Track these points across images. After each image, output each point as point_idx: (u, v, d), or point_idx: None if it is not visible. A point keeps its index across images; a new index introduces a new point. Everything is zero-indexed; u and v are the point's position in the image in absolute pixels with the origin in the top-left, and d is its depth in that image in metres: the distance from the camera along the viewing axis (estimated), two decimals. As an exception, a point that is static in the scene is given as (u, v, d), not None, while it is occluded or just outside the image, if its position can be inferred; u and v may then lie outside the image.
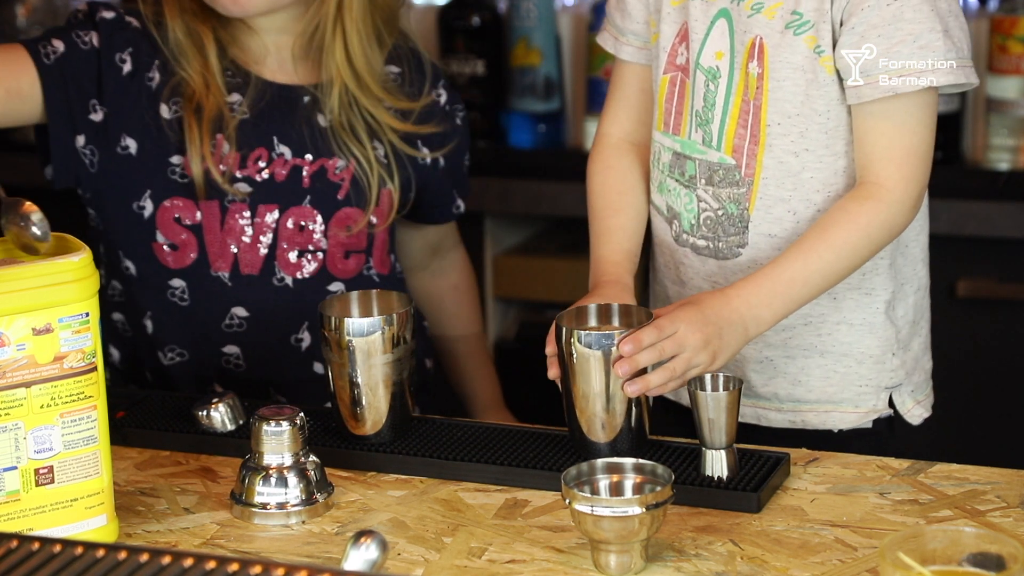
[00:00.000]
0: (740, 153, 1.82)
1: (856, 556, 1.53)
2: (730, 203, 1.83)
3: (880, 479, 1.70)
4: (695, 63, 1.83)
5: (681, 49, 1.85)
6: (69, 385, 1.51)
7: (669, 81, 1.87)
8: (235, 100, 2.01)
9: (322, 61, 2.01)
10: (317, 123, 2.03)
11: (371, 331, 1.76)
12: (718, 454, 1.66)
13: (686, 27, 1.84)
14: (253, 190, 2.00)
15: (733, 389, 1.66)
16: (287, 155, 2.01)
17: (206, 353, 2.03)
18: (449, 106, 2.13)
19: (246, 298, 2.02)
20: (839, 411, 1.89)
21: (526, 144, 3.12)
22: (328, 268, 2.04)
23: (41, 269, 1.49)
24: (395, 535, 1.59)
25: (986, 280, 2.73)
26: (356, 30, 2.00)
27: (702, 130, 1.83)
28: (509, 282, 3.14)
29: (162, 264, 2.01)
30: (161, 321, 2.03)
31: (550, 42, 3.11)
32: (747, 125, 1.81)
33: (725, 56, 1.81)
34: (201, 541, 1.61)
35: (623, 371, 1.66)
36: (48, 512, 1.53)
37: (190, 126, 1.97)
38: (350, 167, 2.02)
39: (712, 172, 1.83)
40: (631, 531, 1.48)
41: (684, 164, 1.85)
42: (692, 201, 1.85)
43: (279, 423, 1.65)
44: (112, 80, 1.99)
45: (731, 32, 1.81)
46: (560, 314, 1.73)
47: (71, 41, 1.98)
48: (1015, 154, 2.85)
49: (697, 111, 1.83)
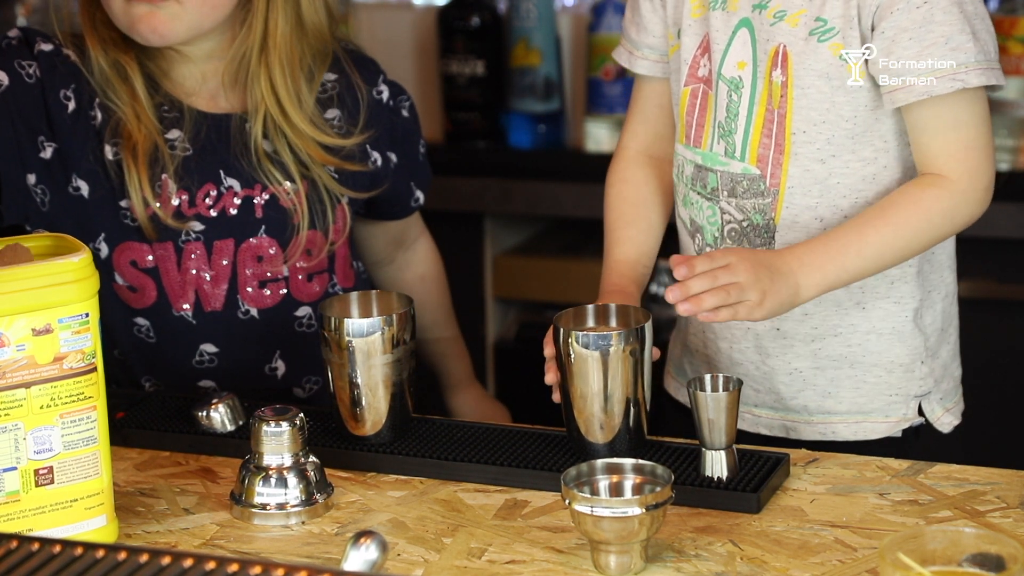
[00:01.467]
0: (765, 163, 1.80)
1: (856, 556, 1.53)
2: (755, 214, 1.81)
3: (880, 479, 1.70)
4: (717, 74, 1.81)
5: (703, 61, 1.84)
6: (69, 385, 1.51)
7: (691, 93, 1.85)
8: (175, 137, 1.96)
9: (247, 87, 1.97)
10: (262, 149, 1.98)
11: (371, 331, 1.76)
12: (718, 455, 1.66)
13: (707, 38, 1.83)
14: (206, 227, 1.97)
15: (733, 390, 1.65)
16: (236, 187, 1.98)
17: (182, 386, 2.01)
18: (393, 101, 2.08)
19: (213, 334, 1.99)
20: (869, 421, 1.87)
21: (526, 144, 3.13)
22: (292, 294, 2.01)
23: (41, 269, 1.49)
24: (395, 535, 1.59)
25: (986, 280, 2.73)
26: (280, 62, 1.95)
27: (724, 141, 1.82)
28: (509, 282, 3.14)
29: (125, 303, 1.98)
30: (132, 356, 2.01)
31: (550, 42, 3.11)
32: (771, 135, 1.79)
33: (748, 66, 1.80)
34: (201, 542, 1.61)
35: (674, 295, 1.65)
36: (48, 513, 1.53)
37: (129, 169, 1.92)
38: (302, 188, 1.98)
39: (735, 183, 1.82)
40: (631, 531, 1.48)
41: (706, 176, 1.84)
42: (715, 214, 1.84)
43: (279, 424, 1.65)
44: (59, 117, 1.94)
45: (753, 41, 1.79)
46: (558, 315, 1.73)
47: (15, 72, 1.92)
48: (1015, 154, 2.85)
49: (720, 122, 1.82)
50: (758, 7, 1.79)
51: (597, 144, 3.06)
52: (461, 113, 3.16)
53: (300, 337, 2.02)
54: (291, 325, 2.01)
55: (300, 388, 2.06)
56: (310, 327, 2.02)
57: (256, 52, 1.95)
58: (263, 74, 1.95)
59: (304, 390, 2.06)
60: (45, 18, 3.23)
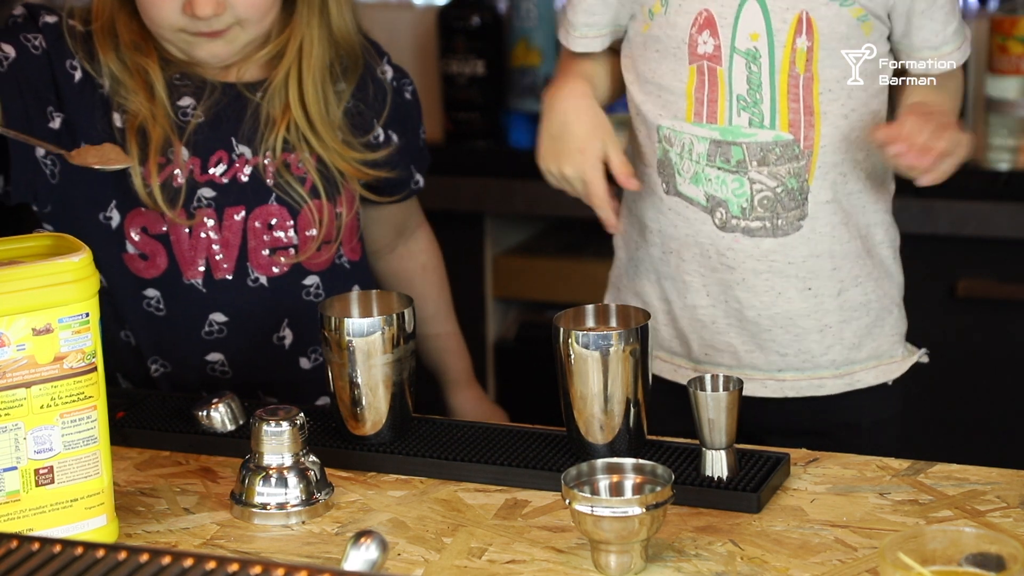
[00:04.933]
0: (797, 127, 1.87)
1: (856, 556, 1.53)
2: (790, 178, 1.88)
3: (880, 479, 1.70)
4: (731, 48, 1.86)
5: (704, 37, 1.87)
6: (69, 385, 1.51)
7: (697, 71, 1.88)
8: (187, 104, 1.97)
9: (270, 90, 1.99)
10: (271, 119, 2.00)
11: (371, 331, 1.76)
12: (718, 454, 1.66)
13: (707, 15, 1.87)
14: (217, 194, 1.98)
15: (733, 389, 1.66)
16: (247, 155, 1.99)
17: (190, 364, 2.02)
18: (396, 82, 2.11)
19: (223, 303, 2.00)
20: (884, 364, 1.99)
21: (526, 144, 3.12)
22: (301, 263, 2.03)
23: (41, 269, 1.49)
24: (395, 535, 1.59)
25: (986, 280, 2.74)
26: (311, 71, 1.98)
27: (747, 112, 1.87)
28: (509, 282, 3.14)
29: (134, 274, 1.99)
30: (141, 333, 2.01)
31: (550, 42, 3.11)
32: (799, 99, 1.86)
33: (762, 36, 1.85)
34: (201, 541, 1.61)
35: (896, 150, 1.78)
36: (48, 512, 1.53)
37: (130, 146, 1.93)
38: (312, 158, 2.01)
39: (766, 152, 1.87)
40: (631, 531, 1.48)
41: (728, 150, 1.87)
42: (743, 185, 1.88)
43: (279, 423, 1.65)
44: (66, 87, 1.94)
45: (765, 11, 1.85)
46: (558, 315, 1.73)
47: (21, 45, 1.92)
48: (1015, 154, 2.85)
49: (740, 95, 1.87)
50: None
51: (597, 144, 3.06)
52: (461, 113, 3.16)
53: (308, 306, 2.03)
54: (299, 294, 2.02)
55: (306, 358, 2.06)
56: (317, 296, 2.04)
57: (289, 62, 1.98)
58: (294, 84, 1.98)
59: (310, 360, 2.07)
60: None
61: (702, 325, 1.97)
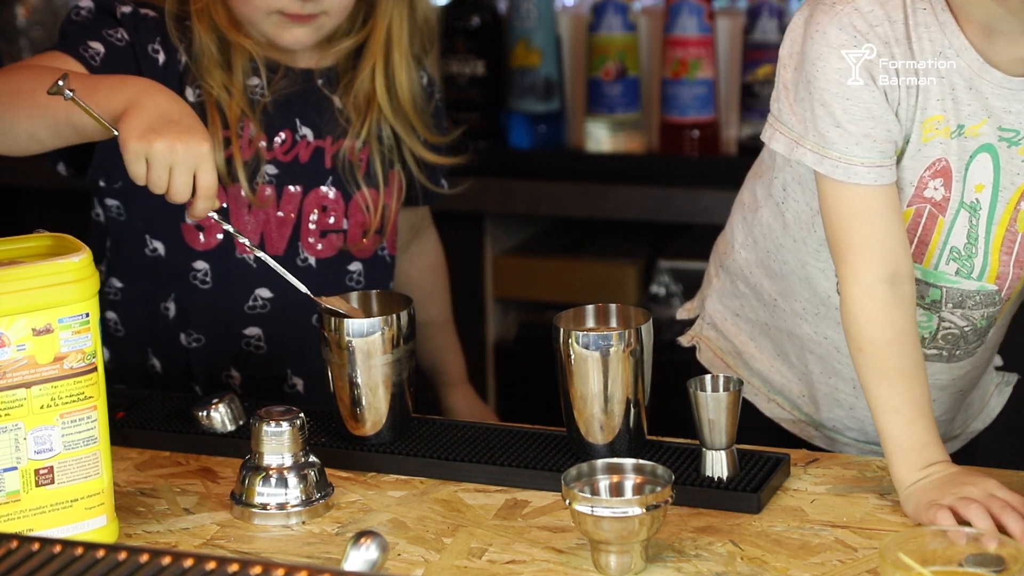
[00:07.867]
0: (1004, 279, 1.80)
1: (856, 557, 1.53)
2: (982, 320, 1.82)
3: (880, 479, 1.70)
4: (959, 203, 1.76)
5: (935, 184, 1.77)
6: (69, 385, 1.51)
7: (915, 212, 1.78)
8: (255, 83, 2.02)
9: (353, 81, 2.04)
10: (334, 104, 2.04)
11: (371, 331, 1.76)
12: (718, 455, 1.66)
13: (942, 164, 1.75)
14: (278, 172, 2.02)
15: (733, 389, 1.66)
16: (309, 136, 2.03)
17: (226, 337, 2.04)
18: (430, 88, 2.15)
19: (270, 279, 2.02)
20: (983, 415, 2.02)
21: (526, 144, 3.12)
22: (349, 248, 2.06)
23: (41, 269, 1.49)
24: (395, 535, 1.59)
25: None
26: (403, 63, 2.04)
27: (958, 263, 1.79)
28: (509, 282, 3.14)
29: (189, 246, 2.02)
30: (183, 304, 2.04)
31: (550, 42, 3.11)
32: (1012, 252, 1.78)
33: (986, 188, 1.76)
34: (201, 541, 1.61)
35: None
36: (48, 512, 1.53)
37: (212, 120, 1.98)
38: (367, 147, 2.05)
39: (965, 298, 1.81)
40: (631, 531, 1.48)
41: (926, 290, 1.81)
42: (931, 320, 1.82)
43: (279, 423, 1.65)
44: (150, 73, 1.98)
45: (996, 168, 1.75)
46: (558, 315, 1.73)
47: (106, 40, 1.98)
48: (1015, 155, 2.84)
49: (955, 247, 1.78)
50: (1006, 141, 1.74)
51: (597, 144, 3.06)
52: (461, 113, 3.16)
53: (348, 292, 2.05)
54: (342, 279, 2.05)
55: None
56: (358, 284, 2.07)
57: (375, 52, 2.03)
58: (380, 72, 2.04)
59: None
60: (45, 18, 3.23)
61: (836, 403, 1.91)
